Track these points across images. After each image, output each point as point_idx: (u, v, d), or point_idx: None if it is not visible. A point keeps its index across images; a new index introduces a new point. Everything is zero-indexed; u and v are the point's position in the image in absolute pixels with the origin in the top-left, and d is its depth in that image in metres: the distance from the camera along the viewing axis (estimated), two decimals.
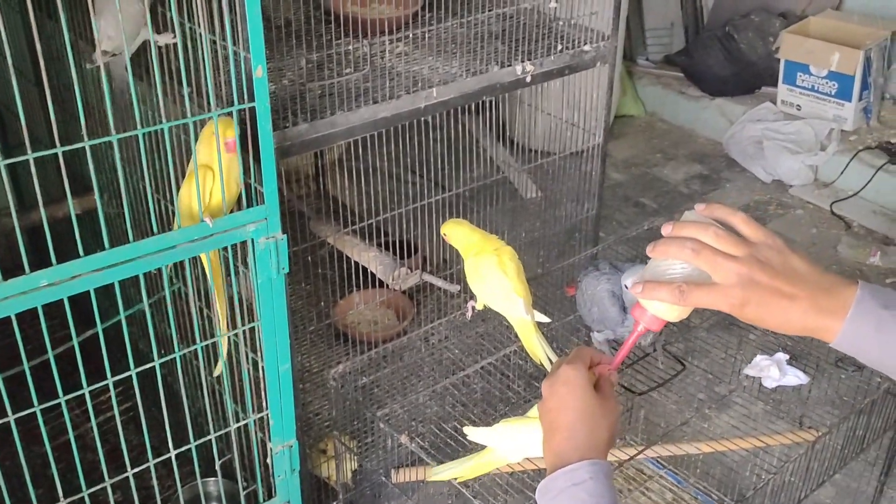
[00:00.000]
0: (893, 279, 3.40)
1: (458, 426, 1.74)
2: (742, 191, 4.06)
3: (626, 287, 1.73)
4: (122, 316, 1.57)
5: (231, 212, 1.59)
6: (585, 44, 2.13)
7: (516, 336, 1.78)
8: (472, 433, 1.47)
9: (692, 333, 1.99)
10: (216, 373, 1.75)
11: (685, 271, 0.99)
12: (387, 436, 1.68)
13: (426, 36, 2.14)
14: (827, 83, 4.02)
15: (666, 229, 1.02)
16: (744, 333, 2.04)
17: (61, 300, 1.41)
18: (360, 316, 2.78)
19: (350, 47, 2.00)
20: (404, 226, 2.36)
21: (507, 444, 1.49)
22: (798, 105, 4.15)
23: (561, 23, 2.19)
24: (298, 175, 3.43)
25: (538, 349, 1.75)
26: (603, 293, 1.75)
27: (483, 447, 1.53)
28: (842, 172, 3.90)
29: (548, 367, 1.74)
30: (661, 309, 1.06)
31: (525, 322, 1.73)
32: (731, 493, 2.29)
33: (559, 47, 2.09)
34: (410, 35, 2.14)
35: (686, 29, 4.84)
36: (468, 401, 1.85)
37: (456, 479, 1.55)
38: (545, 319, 1.75)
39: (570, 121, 2.27)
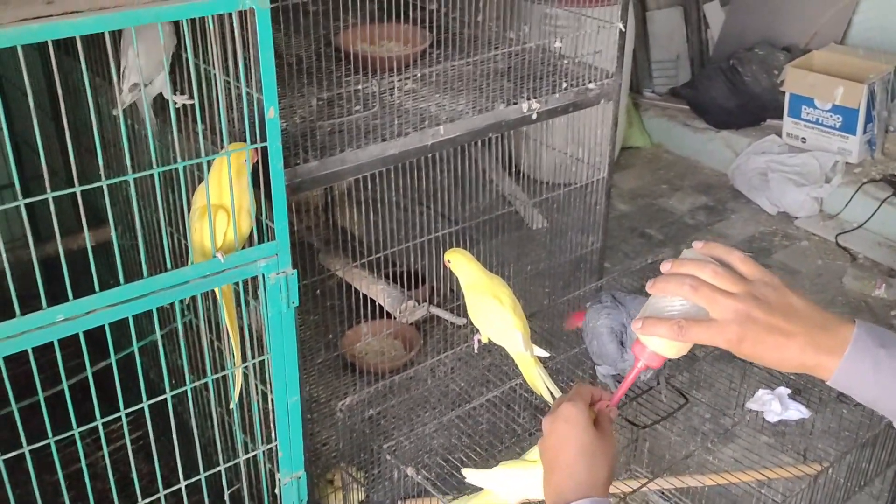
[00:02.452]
0: None
1: (464, 458, 1.77)
2: (748, 222, 4.09)
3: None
4: (136, 347, 1.61)
5: (244, 246, 1.63)
6: (590, 82, 2.17)
7: (519, 369, 1.82)
8: (471, 475, 1.50)
9: (696, 366, 2.01)
10: (231, 405, 1.78)
11: (684, 308, 1.02)
12: (393, 467, 1.71)
13: (434, 74, 2.19)
14: (831, 116, 4.06)
15: (665, 267, 1.04)
16: (747, 366, 2.06)
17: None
18: (368, 347, 2.80)
19: (360, 85, 2.05)
20: (412, 257, 2.40)
21: (505, 486, 1.51)
22: (803, 138, 4.19)
23: (566, 61, 2.23)
24: (308, 206, 3.48)
25: (539, 382, 1.78)
26: (602, 329, 1.78)
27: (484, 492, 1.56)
28: (846, 204, 3.93)
29: (549, 399, 1.77)
30: (660, 345, 1.08)
31: (524, 356, 1.77)
32: None
33: (564, 85, 2.14)
34: (419, 73, 2.19)
35: (692, 62, 4.90)
36: (474, 433, 1.87)
37: None
38: (544, 354, 1.78)
39: (575, 155, 2.31)
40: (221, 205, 1.56)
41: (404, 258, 2.53)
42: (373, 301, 2.34)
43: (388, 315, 2.32)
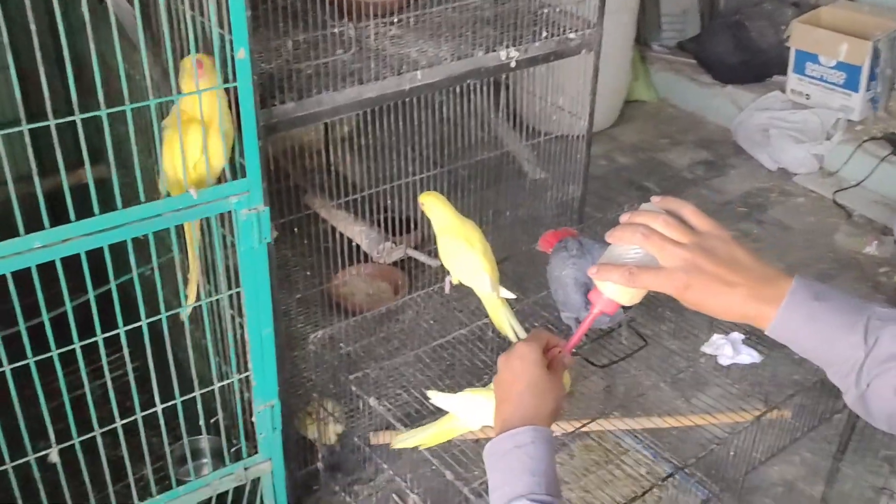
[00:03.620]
0: (888, 268, 3.45)
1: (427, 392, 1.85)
2: (745, 177, 4.11)
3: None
4: (113, 284, 1.68)
5: (219, 180, 1.69)
6: (571, 31, 2.20)
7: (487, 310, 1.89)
8: (436, 398, 1.57)
9: (660, 312, 2.07)
10: (182, 314, 1.85)
11: (637, 256, 1.06)
12: (365, 401, 1.79)
13: (418, 20, 2.23)
14: (835, 73, 4.05)
15: (623, 217, 1.10)
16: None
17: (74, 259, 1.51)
18: (356, 288, 2.88)
19: (337, 28, 2.09)
20: (404, 203, 2.45)
21: (468, 411, 1.58)
22: (807, 94, 4.18)
23: (546, 10, 2.26)
24: (309, 151, 3.54)
25: (504, 324, 1.85)
26: (567, 279, 1.83)
27: (445, 413, 1.63)
28: (846, 162, 3.94)
29: (513, 339, 1.84)
30: (614, 291, 1.13)
31: (491, 297, 1.83)
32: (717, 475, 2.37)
33: (544, 34, 2.17)
34: (405, 18, 2.23)
35: (702, 15, 4.87)
36: (440, 368, 1.95)
37: (420, 445, 1.65)
38: (510, 296, 1.84)
39: (556, 104, 2.35)
40: (193, 117, 1.60)
41: (396, 204, 2.59)
42: (358, 244, 2.40)
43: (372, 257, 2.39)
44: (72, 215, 1.52)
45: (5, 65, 1.44)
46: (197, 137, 1.60)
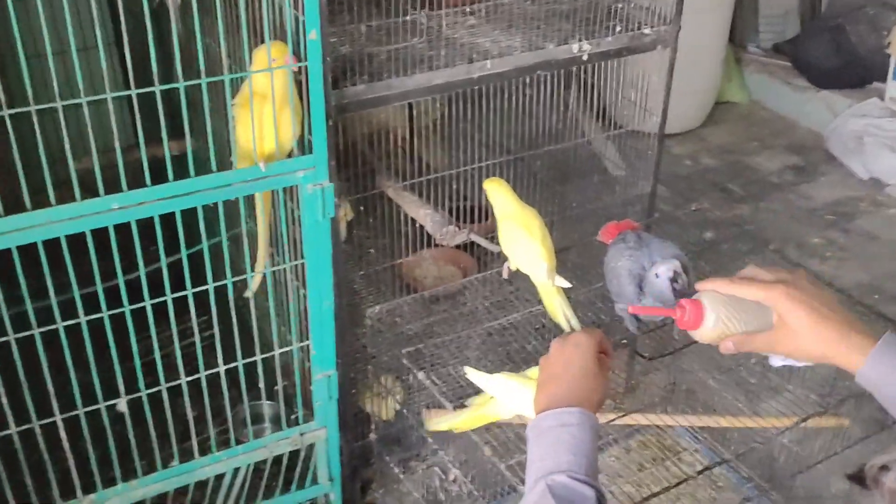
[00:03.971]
0: None
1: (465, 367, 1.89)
2: (836, 185, 4.01)
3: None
4: (205, 244, 1.78)
5: (290, 154, 1.78)
6: (646, 26, 2.21)
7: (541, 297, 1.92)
8: (471, 374, 1.61)
9: None
10: (247, 293, 1.94)
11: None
12: (415, 374, 1.85)
13: (496, 10, 2.27)
14: None
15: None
16: None
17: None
18: (426, 270, 2.95)
19: (420, 17, 2.15)
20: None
21: (502, 395, 1.61)
22: None
23: (622, 5, 2.27)
24: (394, 136, 3.62)
25: (558, 312, 1.88)
26: (622, 270, 1.84)
27: (479, 402, 1.66)
28: None
29: (566, 328, 1.87)
30: (703, 330, 1.21)
31: (547, 286, 1.86)
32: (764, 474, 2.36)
33: (618, 28, 2.18)
34: (480, 9, 2.27)
35: (802, 18, 4.76)
36: (492, 351, 1.99)
37: (453, 429, 1.70)
38: (566, 284, 1.87)
39: (628, 99, 2.36)
40: (264, 94, 1.69)
41: (474, 192, 2.63)
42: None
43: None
44: (147, 181, 1.62)
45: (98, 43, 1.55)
46: (266, 113, 1.68)
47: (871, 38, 4.23)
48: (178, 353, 1.83)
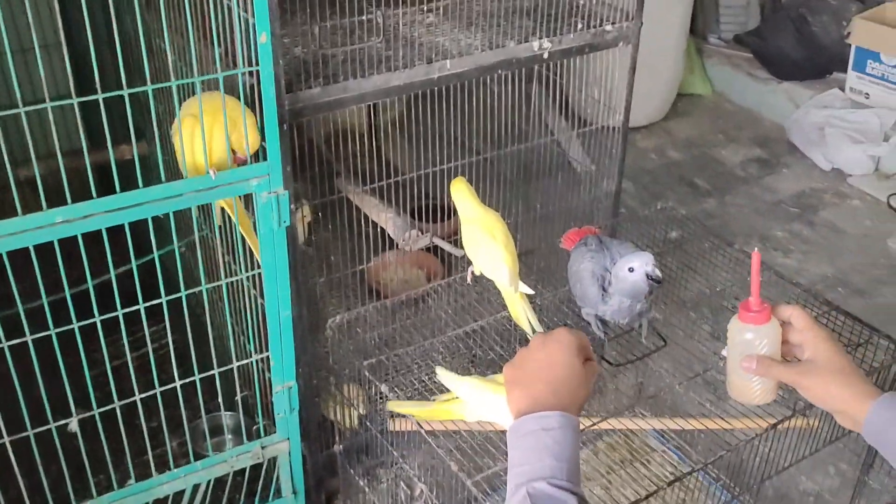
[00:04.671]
0: None
1: (441, 384, 1.85)
2: (799, 177, 4.01)
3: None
4: (156, 255, 1.72)
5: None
6: (608, 23, 2.17)
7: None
8: (442, 374, 1.56)
9: (683, 312, 2.04)
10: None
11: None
12: (377, 387, 1.80)
13: (454, 8, 2.22)
14: None
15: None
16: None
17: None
18: (392, 274, 2.89)
19: (365, 15, 2.09)
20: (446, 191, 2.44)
21: (470, 398, 1.57)
22: (866, 93, 4.06)
23: (583, 1, 2.23)
24: (353, 135, 3.56)
25: (522, 317, 1.84)
26: (584, 272, 1.81)
27: (445, 398, 1.62)
28: None
29: (530, 333, 1.83)
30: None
31: (510, 291, 1.82)
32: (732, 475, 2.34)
33: (580, 25, 2.14)
34: (439, 6, 2.22)
35: (762, 8, 4.76)
36: (457, 358, 1.95)
37: (413, 415, 1.66)
38: (529, 291, 1.83)
39: (591, 97, 2.32)
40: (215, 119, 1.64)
41: (439, 191, 2.58)
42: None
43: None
44: (93, 192, 1.56)
45: (57, 42, 1.48)
46: (216, 128, 1.64)
47: (833, 28, 4.23)
48: (131, 368, 1.76)
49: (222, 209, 1.85)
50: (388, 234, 2.56)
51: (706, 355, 1.96)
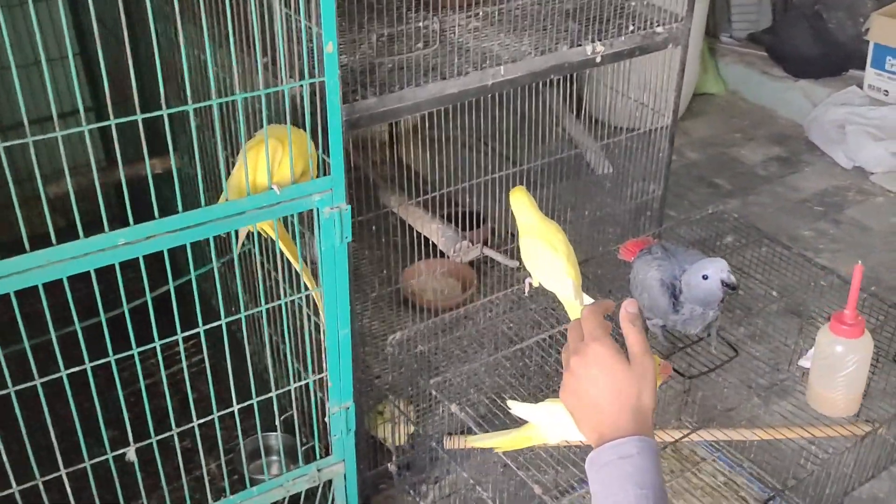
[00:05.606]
0: None
1: (511, 398, 1.79)
2: (821, 175, 3.98)
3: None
4: (193, 275, 1.66)
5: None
6: (658, 25, 2.12)
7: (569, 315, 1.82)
8: (516, 408, 1.51)
9: (751, 320, 1.99)
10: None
11: None
12: (440, 403, 1.74)
13: (499, 12, 2.16)
14: None
15: None
16: (804, 323, 2.03)
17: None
18: (425, 284, 2.84)
19: (421, 22, 2.04)
20: (474, 196, 2.40)
21: (548, 423, 1.52)
22: (885, 90, 4.03)
23: (634, 3, 2.18)
24: (373, 142, 3.50)
25: None
26: (653, 281, 1.76)
27: (525, 422, 1.57)
28: None
29: None
30: None
31: (574, 304, 1.77)
32: (781, 480, 2.30)
33: (630, 28, 2.09)
34: (481, 12, 2.16)
35: (774, 6, 4.73)
36: (521, 374, 1.89)
37: (494, 448, 1.60)
38: (591, 301, 1.77)
39: (640, 101, 2.27)
40: (279, 142, 1.58)
41: (465, 197, 2.53)
42: (429, 239, 2.36)
43: (445, 254, 2.34)
44: (155, 212, 1.49)
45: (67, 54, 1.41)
46: (281, 152, 1.57)
47: (848, 24, 4.21)
48: (189, 392, 1.69)
49: (249, 233, 1.77)
50: (425, 244, 2.50)
51: (778, 364, 1.91)
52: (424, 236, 2.37)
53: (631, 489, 1.03)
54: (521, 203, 1.83)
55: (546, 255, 1.80)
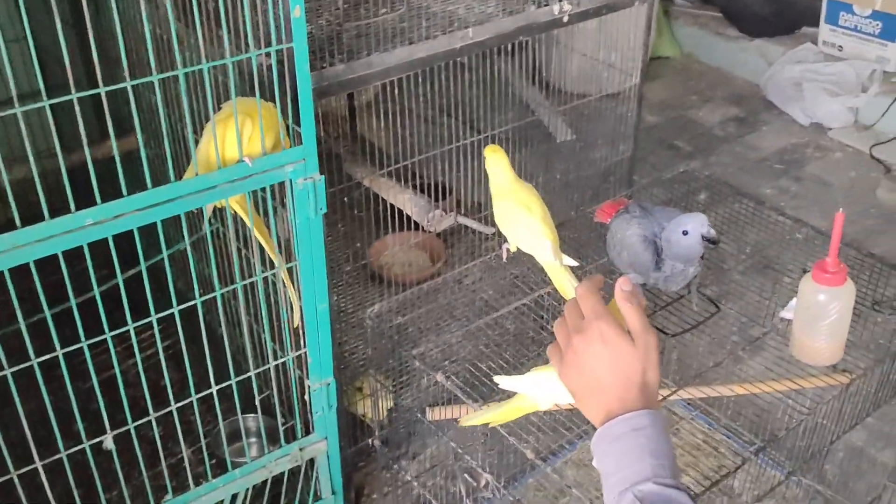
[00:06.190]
0: None
1: (492, 365, 1.77)
2: (779, 133, 4.01)
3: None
4: (165, 255, 1.60)
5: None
6: None
7: (549, 278, 1.80)
8: (503, 381, 1.49)
9: (727, 276, 1.99)
10: (296, 322, 1.77)
11: None
12: (421, 374, 1.71)
13: None
14: (870, 23, 3.93)
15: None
16: (779, 277, 2.04)
17: (105, 239, 1.43)
18: (394, 258, 2.80)
19: None
20: (438, 168, 2.36)
21: (538, 391, 1.50)
22: (840, 46, 4.06)
23: None
24: (334, 117, 3.44)
25: (569, 290, 1.76)
26: (634, 238, 1.74)
27: (513, 393, 1.55)
28: (883, 115, 3.84)
29: None
30: None
31: (554, 265, 1.74)
32: (761, 434, 2.31)
33: None
34: None
35: None
36: (501, 341, 1.87)
37: (488, 424, 1.58)
38: (573, 263, 1.75)
39: (606, 61, 2.25)
40: (248, 115, 1.53)
41: (429, 169, 2.49)
42: (399, 212, 2.32)
43: (415, 226, 2.30)
44: (123, 190, 1.43)
45: (21, 36, 1.34)
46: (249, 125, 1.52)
47: None
48: (168, 381, 1.64)
49: (216, 209, 1.71)
50: (392, 216, 2.46)
51: (757, 319, 1.91)
52: (393, 208, 2.33)
53: (648, 459, 1.01)
54: (497, 163, 1.79)
55: (521, 218, 1.77)
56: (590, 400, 1.10)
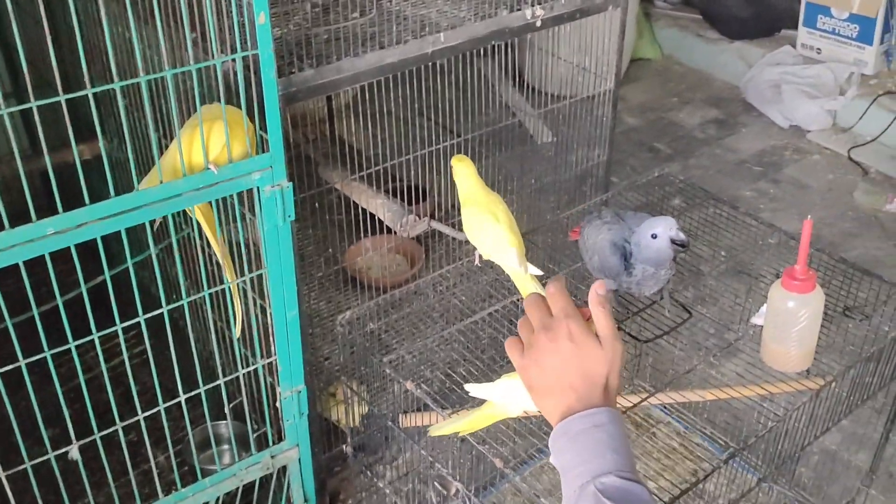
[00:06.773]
0: None
1: (465, 373, 1.76)
2: (758, 136, 4.02)
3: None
4: (130, 263, 1.58)
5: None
6: None
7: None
8: (474, 390, 1.48)
9: (701, 281, 1.98)
10: (237, 334, 1.75)
11: None
12: (395, 381, 1.70)
13: None
14: (848, 26, 3.94)
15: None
16: (753, 282, 2.03)
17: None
18: (370, 261, 2.79)
19: None
20: (414, 171, 2.35)
21: (508, 398, 1.49)
22: (818, 48, 4.08)
23: None
24: (312, 119, 3.42)
25: None
26: (604, 243, 1.74)
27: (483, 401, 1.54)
28: (861, 117, 3.85)
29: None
30: None
31: (519, 273, 1.73)
32: (736, 439, 2.31)
33: None
34: None
35: None
36: (475, 347, 1.86)
37: (458, 433, 1.57)
38: (537, 272, 1.74)
39: (581, 66, 2.24)
40: (214, 123, 1.51)
41: (406, 172, 2.48)
42: (374, 216, 2.30)
43: (391, 230, 2.29)
44: (86, 198, 1.41)
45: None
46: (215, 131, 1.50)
47: None
48: (134, 389, 1.62)
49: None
50: (370, 221, 2.45)
51: (730, 324, 1.91)
52: (369, 212, 2.31)
53: (608, 454, 1.01)
54: (463, 172, 1.78)
55: (487, 226, 1.76)
56: (549, 396, 1.09)
